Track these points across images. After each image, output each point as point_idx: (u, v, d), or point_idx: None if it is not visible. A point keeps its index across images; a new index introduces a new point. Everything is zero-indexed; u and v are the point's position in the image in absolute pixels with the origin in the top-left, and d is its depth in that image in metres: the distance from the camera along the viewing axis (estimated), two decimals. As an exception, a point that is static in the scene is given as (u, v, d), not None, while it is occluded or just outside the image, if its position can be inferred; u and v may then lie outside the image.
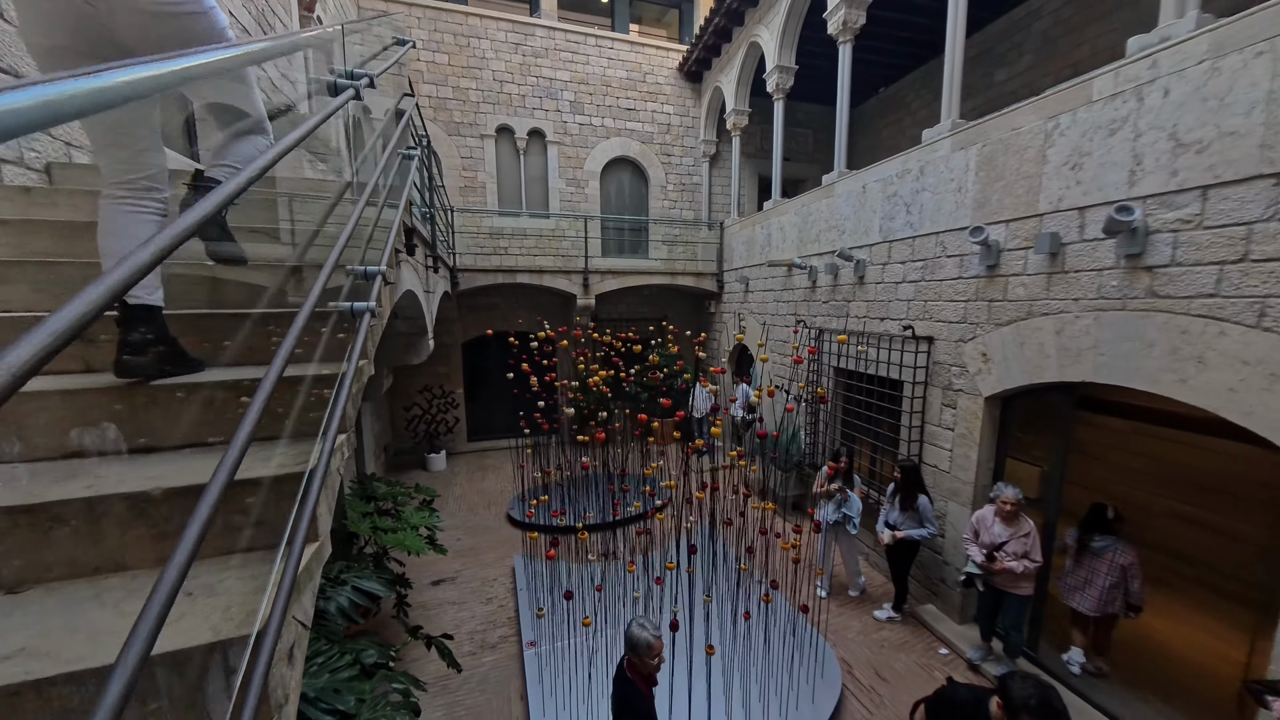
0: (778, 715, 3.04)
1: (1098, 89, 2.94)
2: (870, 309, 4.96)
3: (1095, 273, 2.99)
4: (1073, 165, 3.09)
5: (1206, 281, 2.51)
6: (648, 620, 2.05)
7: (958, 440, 4.00)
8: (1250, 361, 2.36)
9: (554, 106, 8.71)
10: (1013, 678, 1.55)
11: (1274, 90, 2.25)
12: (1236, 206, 2.39)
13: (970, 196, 3.80)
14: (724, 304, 8.68)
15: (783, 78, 6.75)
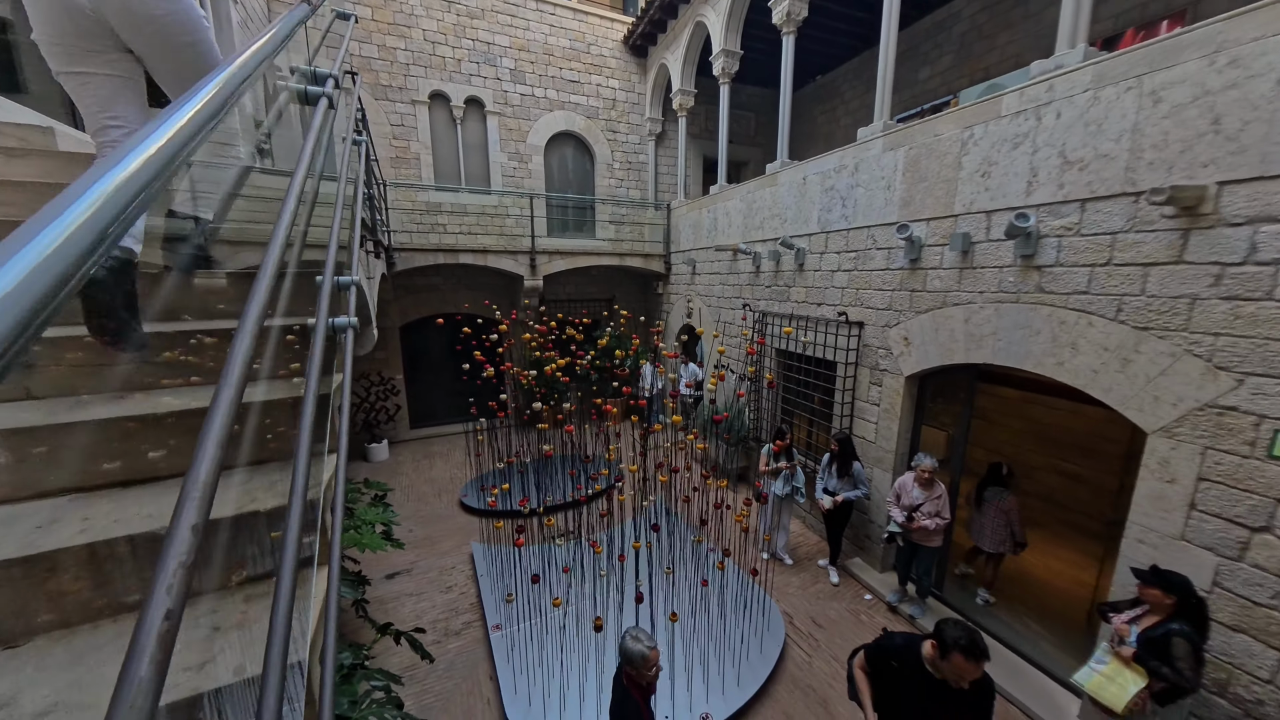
0: (731, 668, 3.38)
1: (1006, 105, 3.32)
2: (809, 295, 5.33)
3: (997, 269, 3.44)
4: (983, 173, 3.48)
5: (1080, 280, 2.99)
6: (641, 631, 2.11)
7: (882, 414, 4.49)
8: (1110, 348, 2.87)
9: (493, 74, 8.24)
10: (945, 623, 1.87)
11: (1139, 122, 2.69)
12: (1105, 218, 2.86)
13: (898, 195, 4.17)
14: (671, 285, 8.86)
15: (728, 62, 6.83)
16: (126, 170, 0.38)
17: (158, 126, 0.46)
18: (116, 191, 0.36)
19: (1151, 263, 2.68)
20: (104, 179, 0.36)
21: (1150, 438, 2.73)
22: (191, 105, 0.52)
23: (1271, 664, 2.35)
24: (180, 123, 0.48)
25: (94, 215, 0.33)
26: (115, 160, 0.38)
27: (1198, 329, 2.52)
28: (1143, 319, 2.72)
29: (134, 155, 0.40)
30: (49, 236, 0.29)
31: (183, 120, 0.49)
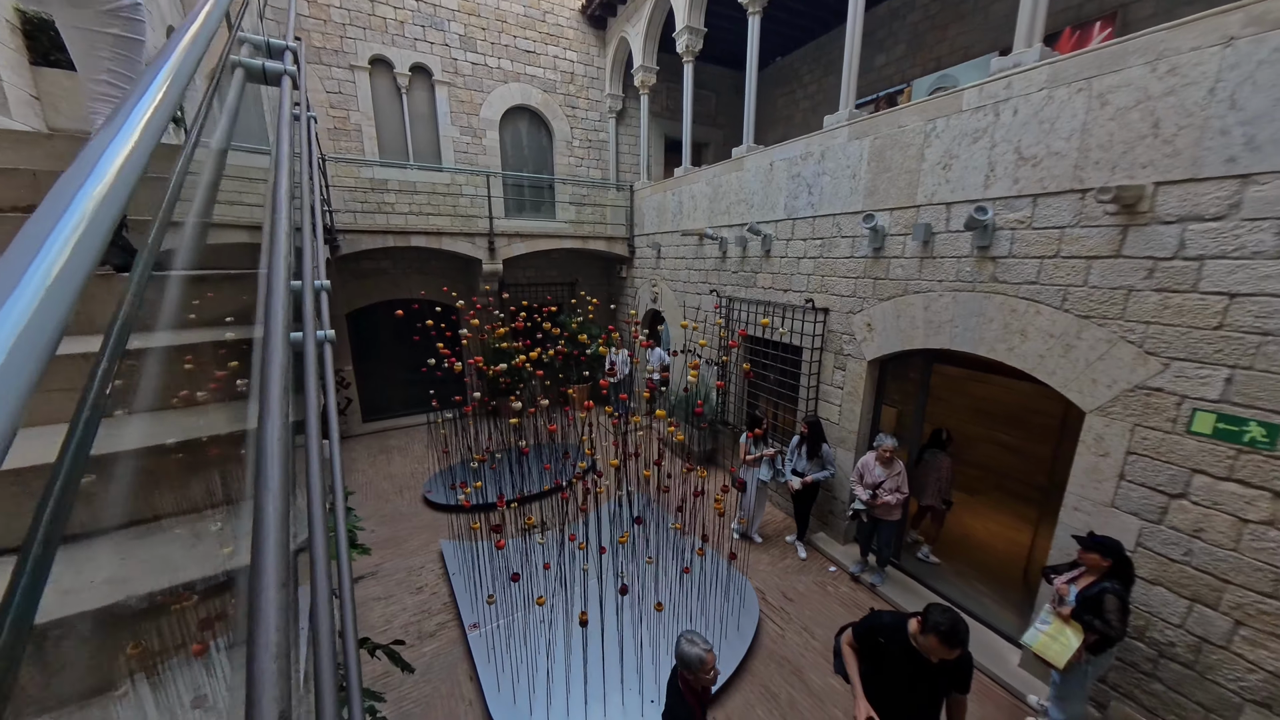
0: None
1: (966, 100, 3.44)
2: (775, 281, 5.42)
3: (955, 259, 3.62)
4: (944, 165, 3.62)
5: (1030, 271, 3.19)
6: (697, 635, 2.08)
7: (846, 397, 4.69)
8: (1055, 335, 3.10)
9: (440, 39, 7.65)
10: (932, 608, 1.99)
11: (1088, 122, 2.86)
12: (1055, 213, 3.05)
13: (863, 184, 4.27)
14: (636, 269, 8.77)
15: (692, 39, 6.68)
16: (99, 187, 0.31)
17: (122, 122, 0.37)
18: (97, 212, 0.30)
19: (1094, 256, 2.89)
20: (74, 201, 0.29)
21: (1088, 416, 2.99)
22: (151, 92, 0.42)
23: (1182, 611, 2.70)
24: (146, 115, 0.38)
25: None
26: (79, 172, 0.32)
27: (1132, 318, 2.77)
28: (1085, 308, 2.95)
29: (101, 168, 0.32)
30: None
31: (148, 111, 0.39)
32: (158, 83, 0.43)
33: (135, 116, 0.38)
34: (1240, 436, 2.44)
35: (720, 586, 3.94)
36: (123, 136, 0.36)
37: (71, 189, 0.30)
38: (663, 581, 3.81)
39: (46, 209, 0.28)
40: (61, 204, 0.29)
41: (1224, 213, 2.41)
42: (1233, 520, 2.50)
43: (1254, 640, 2.46)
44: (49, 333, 0.23)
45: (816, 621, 4.02)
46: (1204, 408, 2.54)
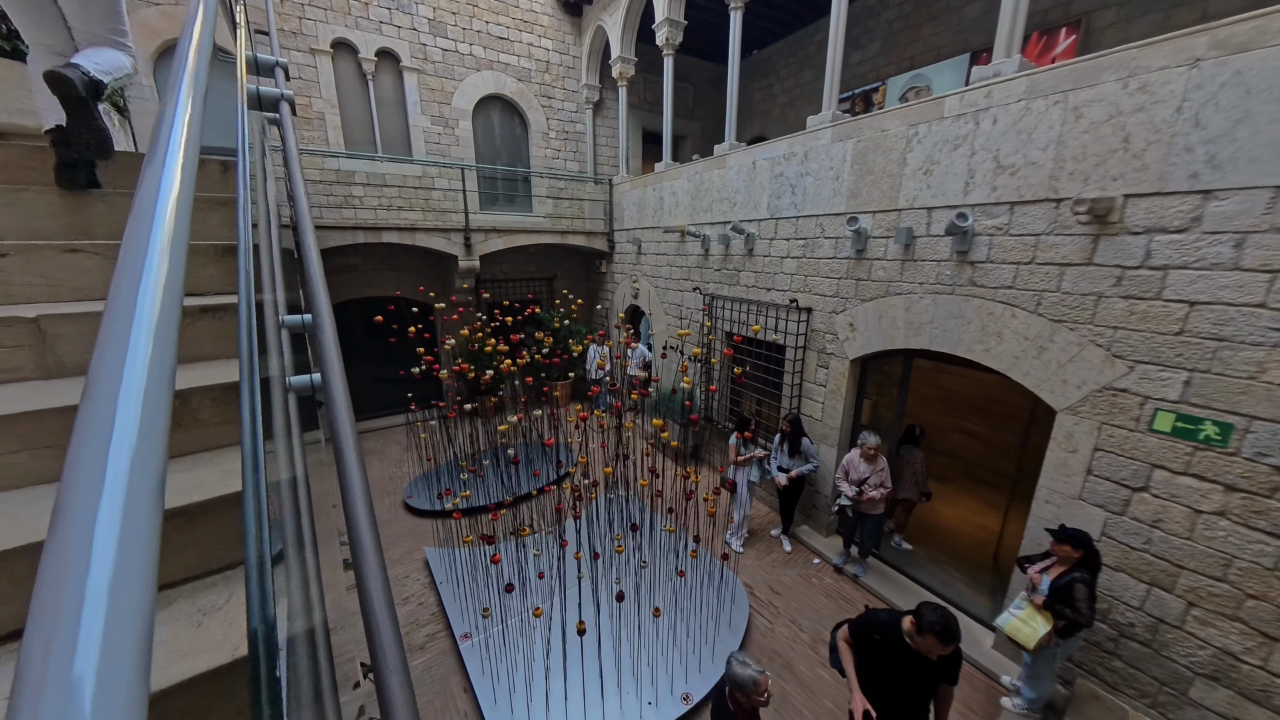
0: (705, 645, 3.57)
1: (948, 107, 3.52)
2: (759, 279, 5.47)
3: (935, 263, 3.73)
4: (926, 171, 3.71)
5: (1007, 276, 3.32)
6: (747, 657, 2.11)
7: (828, 395, 4.81)
8: (1029, 337, 3.25)
9: (408, 23, 7.29)
10: (924, 607, 2.08)
11: (1063, 134, 2.97)
12: (1031, 221, 3.17)
13: (845, 186, 4.33)
14: (615, 264, 8.69)
15: (673, 32, 6.59)
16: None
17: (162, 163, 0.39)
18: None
19: (1067, 263, 3.03)
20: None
21: (1059, 415, 3.16)
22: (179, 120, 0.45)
23: (1141, 594, 2.91)
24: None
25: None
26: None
27: (1101, 322, 2.92)
28: (1057, 312, 3.10)
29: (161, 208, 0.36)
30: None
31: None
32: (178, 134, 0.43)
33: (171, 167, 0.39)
34: (1196, 434, 2.63)
35: (711, 585, 4.01)
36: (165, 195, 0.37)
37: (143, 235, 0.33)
38: (657, 583, 3.85)
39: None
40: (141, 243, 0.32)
41: (1187, 225, 2.56)
42: (1188, 511, 2.70)
43: (1204, 620, 2.68)
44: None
45: (803, 614, 4.15)
46: (1165, 408, 2.72)
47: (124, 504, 0.21)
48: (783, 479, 4.62)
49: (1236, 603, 2.57)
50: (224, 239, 1.82)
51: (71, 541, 0.20)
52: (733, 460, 4.62)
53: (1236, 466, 2.52)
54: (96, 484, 0.21)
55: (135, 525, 0.21)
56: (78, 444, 0.23)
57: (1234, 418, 2.50)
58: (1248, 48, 2.31)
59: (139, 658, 0.18)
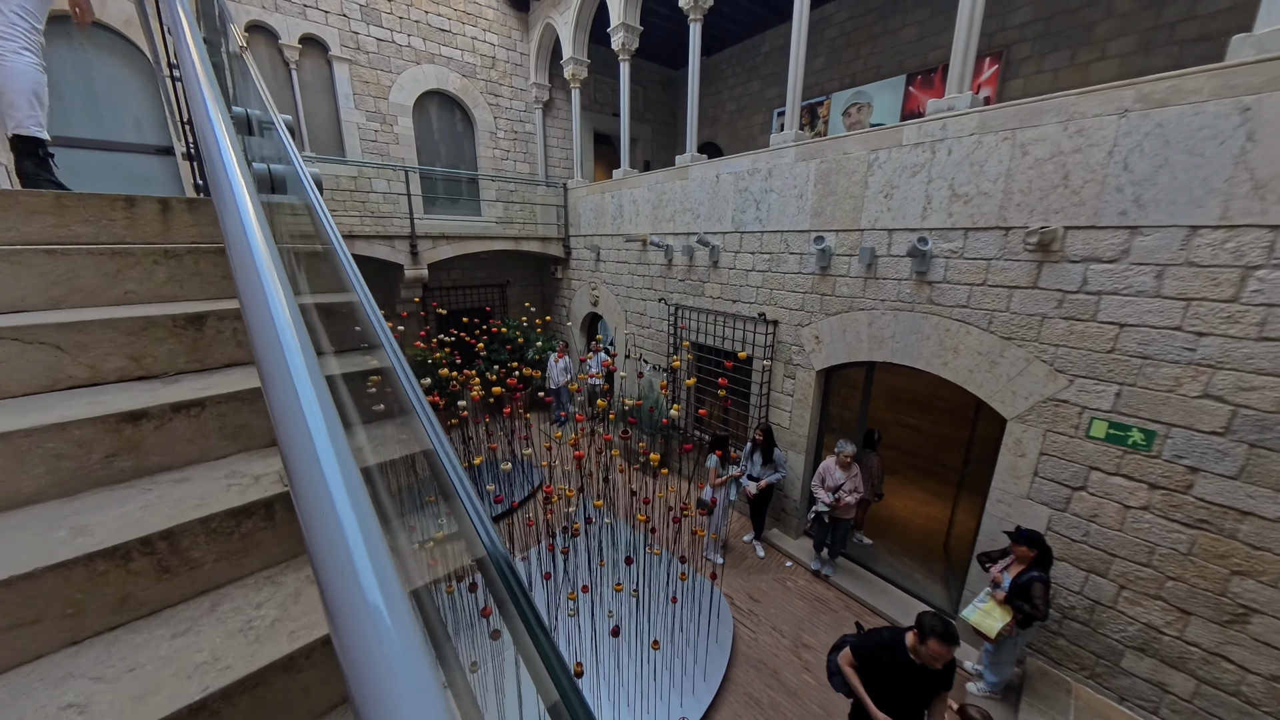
0: (696, 665, 3.59)
1: (906, 135, 3.73)
2: (724, 291, 5.56)
3: (896, 281, 3.96)
4: (886, 194, 3.91)
5: (962, 296, 3.59)
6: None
7: (796, 404, 4.99)
8: (983, 353, 3.54)
9: (336, 8, 6.64)
10: (925, 615, 2.21)
11: (1010, 168, 3.24)
12: (983, 246, 3.44)
13: (810, 204, 4.48)
14: (572, 270, 8.49)
15: (629, 37, 6.49)
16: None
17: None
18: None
19: (1015, 286, 3.32)
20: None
21: (1009, 423, 3.47)
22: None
23: (1080, 580, 3.28)
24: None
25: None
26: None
27: (1045, 340, 3.24)
28: (1007, 330, 3.40)
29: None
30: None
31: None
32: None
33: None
34: (1125, 440, 2.99)
35: (700, 605, 4.05)
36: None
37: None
38: (649, 608, 3.82)
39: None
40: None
41: (1117, 256, 2.88)
42: (1119, 507, 3.06)
43: (1133, 600, 3.07)
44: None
45: (783, 619, 4.30)
46: (1099, 416, 3.06)
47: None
48: (754, 487, 4.74)
49: (1158, 584, 2.97)
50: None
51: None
52: (712, 482, 4.66)
53: (1158, 467, 2.89)
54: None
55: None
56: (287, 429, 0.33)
57: (1156, 425, 2.86)
58: (1167, 104, 2.63)
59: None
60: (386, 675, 0.22)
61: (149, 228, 1.69)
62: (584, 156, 8.96)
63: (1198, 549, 2.81)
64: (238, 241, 0.47)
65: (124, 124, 5.52)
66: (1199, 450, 2.74)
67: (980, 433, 4.39)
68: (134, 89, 5.55)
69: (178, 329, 1.29)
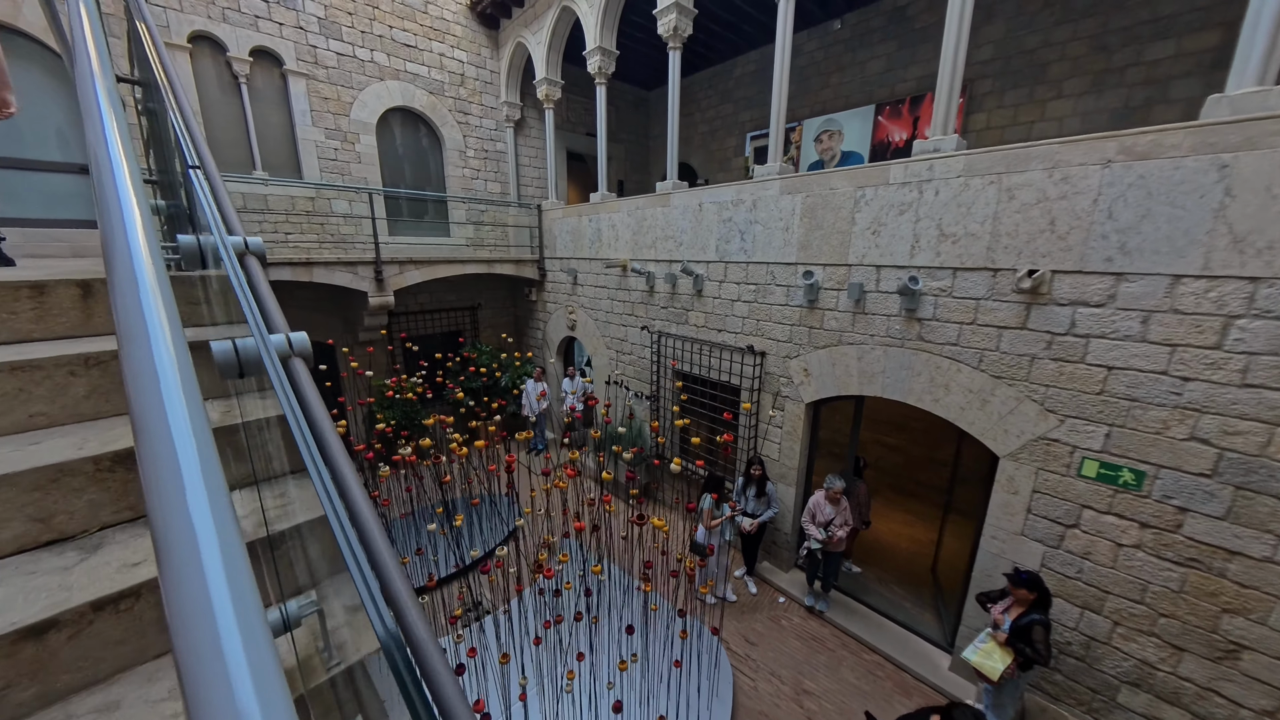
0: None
1: (893, 174, 3.75)
2: (709, 320, 5.47)
3: (886, 317, 3.96)
4: (874, 231, 3.92)
5: (952, 334, 3.62)
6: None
7: (785, 436, 4.92)
8: (973, 391, 3.56)
9: (292, 20, 6.23)
10: (954, 707, 2.10)
11: (998, 212, 3.29)
12: (972, 286, 3.48)
13: (796, 237, 4.46)
14: (548, 292, 8.25)
15: (605, 61, 6.39)
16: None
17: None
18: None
19: (1004, 326, 3.36)
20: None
21: (1002, 460, 3.50)
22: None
23: (1075, 617, 3.30)
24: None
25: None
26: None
27: (1036, 380, 3.28)
28: (998, 369, 3.43)
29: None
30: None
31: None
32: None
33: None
34: (1116, 479, 3.04)
35: (696, 656, 3.86)
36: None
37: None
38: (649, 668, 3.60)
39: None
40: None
41: (1104, 301, 2.95)
42: (1111, 545, 3.11)
43: (1127, 636, 3.11)
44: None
45: (780, 663, 4.17)
46: (1090, 456, 3.11)
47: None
48: (747, 524, 4.63)
49: (1151, 620, 3.01)
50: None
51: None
52: (706, 525, 4.51)
53: (1148, 507, 2.95)
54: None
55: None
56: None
57: (1146, 466, 2.92)
58: (1148, 156, 2.71)
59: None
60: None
61: (64, 320, 1.39)
62: (558, 176, 8.77)
63: (1189, 587, 2.87)
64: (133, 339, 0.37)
65: (46, 139, 4.95)
66: (1187, 491, 2.80)
67: (966, 453, 4.43)
68: (57, 99, 4.99)
69: (102, 473, 1.01)
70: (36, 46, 4.84)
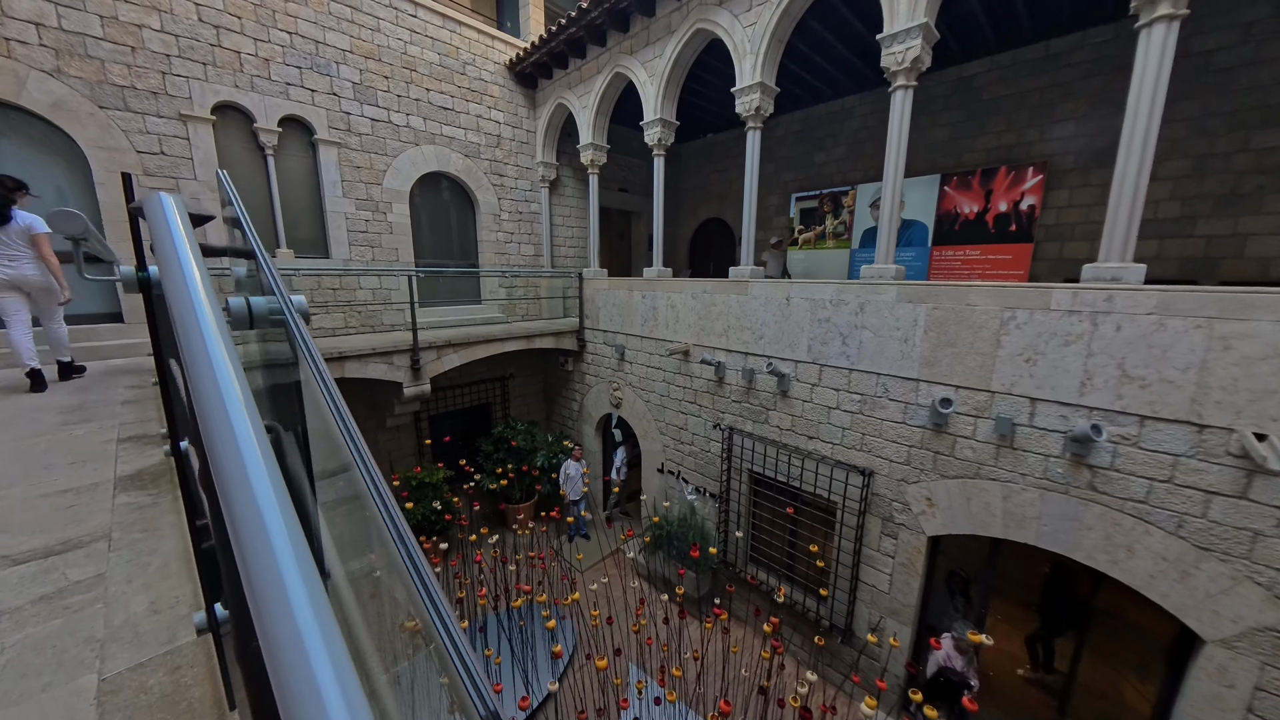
0: None
1: (1055, 300, 3.28)
2: (797, 424, 4.91)
3: (1042, 456, 3.44)
4: (1027, 359, 3.43)
5: (1139, 489, 3.09)
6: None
7: (899, 568, 4.33)
8: (1168, 559, 3.02)
9: (325, 87, 5.70)
10: None
11: (1206, 360, 2.80)
12: (1167, 439, 2.97)
13: (918, 351, 3.95)
14: (587, 365, 7.64)
15: (665, 133, 5.95)
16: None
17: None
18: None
19: (1214, 491, 2.85)
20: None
21: (1209, 645, 2.94)
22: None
23: None
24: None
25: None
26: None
27: (1260, 560, 2.75)
28: (1204, 540, 2.90)
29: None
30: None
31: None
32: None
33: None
34: (1386, 697, 2.49)
35: None
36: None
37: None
38: None
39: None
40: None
41: (1369, 486, 2.45)
42: (1378, 773, 2.54)
43: None
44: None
45: None
46: (1346, 663, 2.57)
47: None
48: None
49: None
50: None
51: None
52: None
53: None
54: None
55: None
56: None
57: None
58: None
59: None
60: None
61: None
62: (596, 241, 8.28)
63: None
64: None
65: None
66: None
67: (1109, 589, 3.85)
68: (52, 178, 4.35)
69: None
70: (39, 123, 4.21)
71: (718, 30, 5.16)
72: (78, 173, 4.44)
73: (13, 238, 3.22)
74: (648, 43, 5.89)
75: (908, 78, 3.94)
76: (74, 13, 4.22)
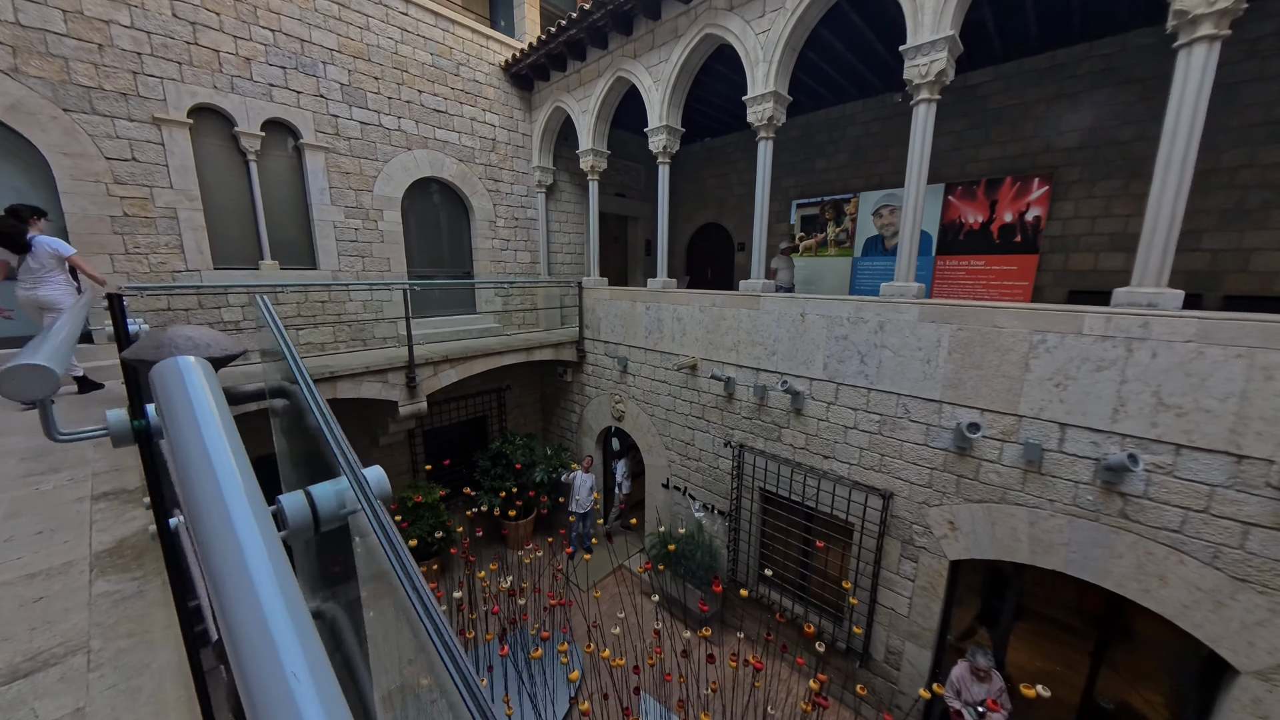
0: None
1: (1088, 324, 3.20)
2: (811, 444, 4.80)
3: (1072, 483, 3.37)
4: (1057, 384, 3.35)
5: (1173, 519, 3.04)
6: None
7: (919, 591, 4.25)
8: (1203, 589, 2.98)
9: (312, 88, 5.37)
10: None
11: (1247, 390, 2.75)
12: (1204, 469, 2.92)
13: (941, 372, 3.86)
14: (586, 376, 7.44)
15: (670, 140, 5.77)
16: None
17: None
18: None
19: (1252, 523, 2.80)
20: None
21: (1244, 676, 2.90)
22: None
23: None
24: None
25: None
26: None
27: (1300, 593, 2.71)
28: (1241, 571, 2.85)
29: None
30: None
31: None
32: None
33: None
34: None
35: None
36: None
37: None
38: None
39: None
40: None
41: None
42: None
43: None
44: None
45: None
46: (1387, 698, 2.54)
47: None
48: None
49: None
50: None
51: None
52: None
53: None
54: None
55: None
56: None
57: None
58: None
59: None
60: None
61: None
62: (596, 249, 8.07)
63: None
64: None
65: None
66: None
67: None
68: (10, 187, 3.99)
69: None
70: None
71: (728, 37, 5.00)
72: (39, 181, 4.08)
73: (42, 261, 3.37)
74: (652, 46, 5.69)
75: (931, 91, 3.82)
76: (33, 6, 3.85)
